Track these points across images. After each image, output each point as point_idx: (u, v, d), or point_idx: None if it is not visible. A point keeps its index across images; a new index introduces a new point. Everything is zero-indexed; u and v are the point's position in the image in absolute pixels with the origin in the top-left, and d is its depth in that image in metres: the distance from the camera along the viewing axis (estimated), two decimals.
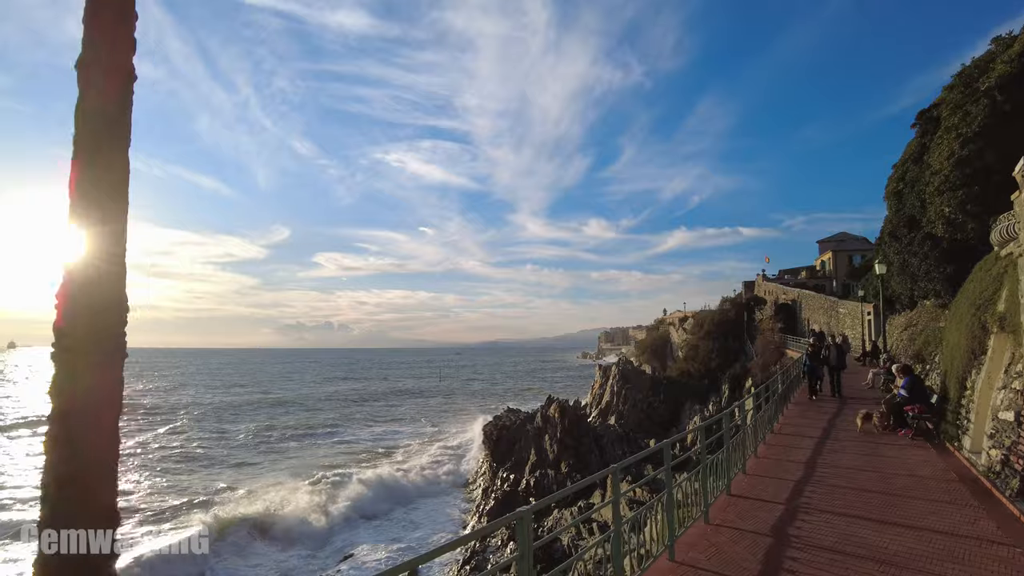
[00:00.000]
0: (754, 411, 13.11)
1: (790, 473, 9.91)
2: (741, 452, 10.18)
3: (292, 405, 74.67)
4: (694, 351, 59.39)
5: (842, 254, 58.35)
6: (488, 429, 43.50)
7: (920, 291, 23.45)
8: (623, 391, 53.39)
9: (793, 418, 15.96)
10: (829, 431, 13.77)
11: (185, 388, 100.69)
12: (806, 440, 12.72)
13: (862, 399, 18.35)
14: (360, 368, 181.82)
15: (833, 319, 43.43)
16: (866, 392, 20.61)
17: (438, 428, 55.73)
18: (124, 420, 21.14)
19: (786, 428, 14.39)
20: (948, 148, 19.13)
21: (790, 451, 11.70)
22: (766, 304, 58.48)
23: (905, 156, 23.96)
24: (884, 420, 13.51)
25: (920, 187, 21.62)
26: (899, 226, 23.11)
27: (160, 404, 73.70)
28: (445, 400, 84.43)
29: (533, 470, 37.09)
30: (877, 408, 14.17)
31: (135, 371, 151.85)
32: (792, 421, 15.42)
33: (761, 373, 40.67)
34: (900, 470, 10.00)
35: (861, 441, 12.62)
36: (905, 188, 23.36)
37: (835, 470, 10.06)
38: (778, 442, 12.69)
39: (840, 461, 10.72)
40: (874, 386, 21.57)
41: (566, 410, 39.43)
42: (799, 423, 15.10)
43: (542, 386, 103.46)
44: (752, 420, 11.81)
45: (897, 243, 23.48)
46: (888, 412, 13.55)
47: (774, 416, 14.50)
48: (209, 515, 27.66)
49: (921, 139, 22.72)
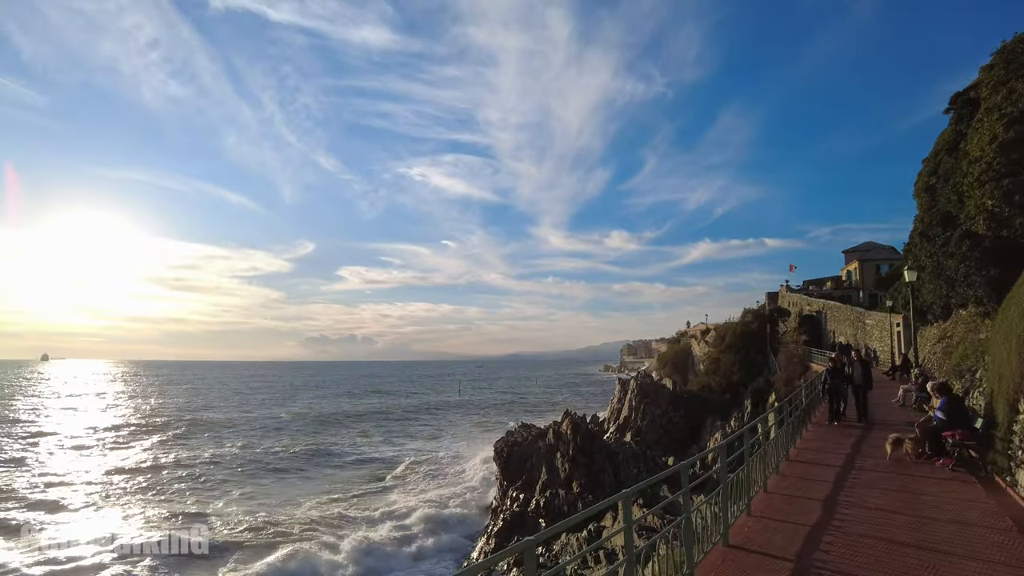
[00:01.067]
0: (776, 425, 11.80)
1: (805, 514, 8.11)
2: (746, 485, 8.50)
3: (305, 421, 73.95)
4: (715, 365, 57.24)
5: (869, 263, 55.85)
6: (499, 446, 42.15)
7: (958, 298, 20.67)
8: (642, 406, 51.54)
9: (812, 441, 14.01)
10: (853, 458, 11.83)
11: (196, 402, 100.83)
12: (826, 470, 10.85)
13: (891, 422, 16.13)
14: (381, 382, 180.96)
15: (860, 331, 41.20)
16: (896, 411, 18.50)
17: (456, 453, 53.36)
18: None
19: (803, 454, 12.49)
20: (990, 131, 16.46)
21: (806, 485, 9.83)
22: (790, 316, 56.25)
23: (937, 147, 21.39)
24: (918, 446, 11.53)
25: (957, 179, 19.00)
26: (932, 225, 20.38)
27: (174, 420, 73.46)
28: (464, 415, 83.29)
29: (544, 490, 35.48)
30: (910, 432, 12.28)
31: (155, 384, 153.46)
32: (810, 445, 13.49)
33: (785, 387, 38.84)
34: (941, 513, 8.04)
35: (891, 472, 10.66)
36: (938, 182, 20.72)
37: (860, 512, 8.18)
38: (793, 472, 10.84)
39: (867, 499, 8.82)
40: (906, 404, 19.54)
41: (579, 426, 37.71)
42: (818, 447, 13.20)
43: (561, 400, 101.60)
44: (772, 438, 10.43)
45: (930, 244, 20.80)
46: (923, 437, 11.60)
47: (790, 440, 12.72)
48: None
49: (956, 126, 20.19)
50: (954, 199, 19.40)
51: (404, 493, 39.26)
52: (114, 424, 65.75)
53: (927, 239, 21.07)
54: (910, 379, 22.00)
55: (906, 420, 15.74)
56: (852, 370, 17.55)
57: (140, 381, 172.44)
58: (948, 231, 19.54)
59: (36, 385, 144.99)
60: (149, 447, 51.97)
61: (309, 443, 55.45)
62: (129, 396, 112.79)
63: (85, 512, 32.29)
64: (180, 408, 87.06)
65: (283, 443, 55.06)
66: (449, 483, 41.81)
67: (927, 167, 21.78)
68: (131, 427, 63.79)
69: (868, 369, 17.84)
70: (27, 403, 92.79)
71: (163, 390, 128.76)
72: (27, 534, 27.24)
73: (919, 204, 22.72)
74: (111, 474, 41.03)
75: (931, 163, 21.56)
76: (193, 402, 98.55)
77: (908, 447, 11.58)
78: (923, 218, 21.87)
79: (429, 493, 38.55)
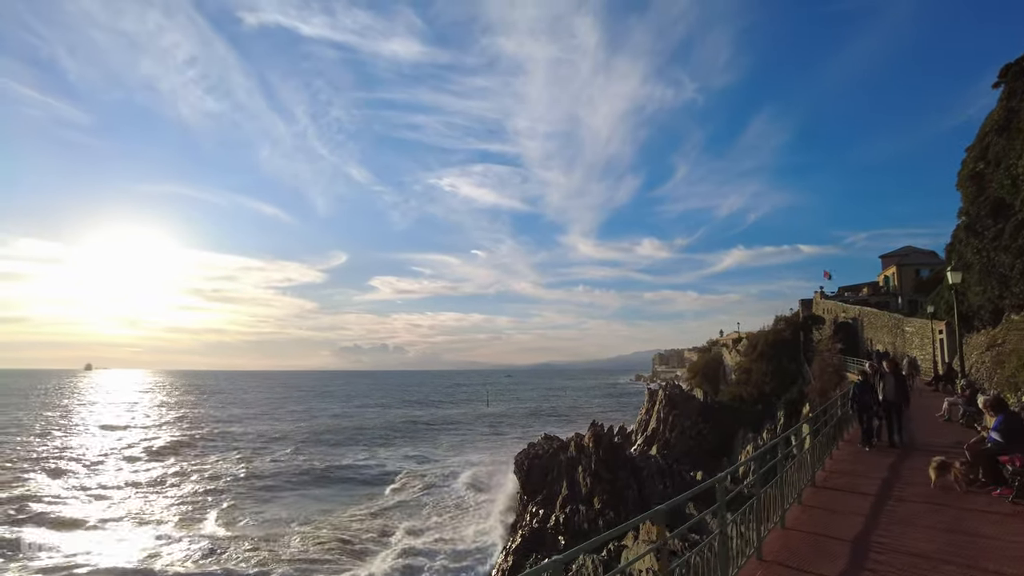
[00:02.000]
0: (811, 436, 10.76)
1: (831, 561, 6.57)
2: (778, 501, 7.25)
3: (327, 434, 73.56)
4: (747, 374, 55.21)
5: (908, 268, 53.11)
6: (520, 458, 40.96)
7: (1013, 298, 18.35)
8: (670, 417, 49.74)
9: (842, 463, 12.26)
10: (891, 485, 10.10)
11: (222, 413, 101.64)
12: (858, 499, 9.24)
13: (935, 445, 13.44)
14: (411, 393, 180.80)
15: (899, 339, 38.88)
16: (941, 428, 16.49)
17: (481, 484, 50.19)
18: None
19: (832, 478, 10.83)
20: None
21: (833, 519, 8.24)
22: (824, 323, 53.99)
23: (985, 128, 18.72)
24: (970, 472, 9.75)
25: (1010, 161, 16.89)
26: (980, 216, 18.00)
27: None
28: (490, 427, 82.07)
29: (564, 505, 34.10)
30: (958, 455, 10.55)
31: (189, 394, 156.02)
32: (840, 468, 11.77)
33: (819, 398, 36.87)
34: (1006, 563, 6.28)
35: (938, 504, 8.88)
36: (987, 167, 18.28)
37: (900, 559, 6.49)
38: (819, 501, 9.26)
39: (907, 540, 7.13)
40: (952, 419, 17.62)
41: (601, 438, 36.23)
42: (849, 470, 11.49)
43: (590, 410, 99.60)
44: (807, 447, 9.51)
45: (978, 239, 18.37)
46: (975, 462, 9.89)
47: (818, 460, 11.14)
48: None
49: (1008, 102, 17.64)
50: (1007, 184, 17.23)
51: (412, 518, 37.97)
52: (140, 438, 66.29)
53: (974, 233, 18.65)
54: (955, 391, 20.07)
55: (953, 440, 13.85)
56: (883, 383, 14.33)
57: (175, 391, 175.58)
58: (1000, 222, 17.24)
59: (76, 395, 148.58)
60: (167, 461, 51.94)
61: (326, 458, 54.76)
62: (161, 406, 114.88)
63: (91, 528, 32.01)
64: (210, 420, 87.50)
65: (302, 458, 54.48)
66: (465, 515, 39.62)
67: (973, 152, 19.30)
68: (154, 440, 64.16)
69: (903, 382, 14.63)
70: (61, 413, 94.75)
71: (194, 401, 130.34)
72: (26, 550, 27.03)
73: (964, 194, 20.19)
74: (122, 488, 40.91)
75: (977, 147, 19.09)
76: (224, 414, 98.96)
77: (957, 473, 9.70)
78: (969, 210, 19.51)
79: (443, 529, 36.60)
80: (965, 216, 20.02)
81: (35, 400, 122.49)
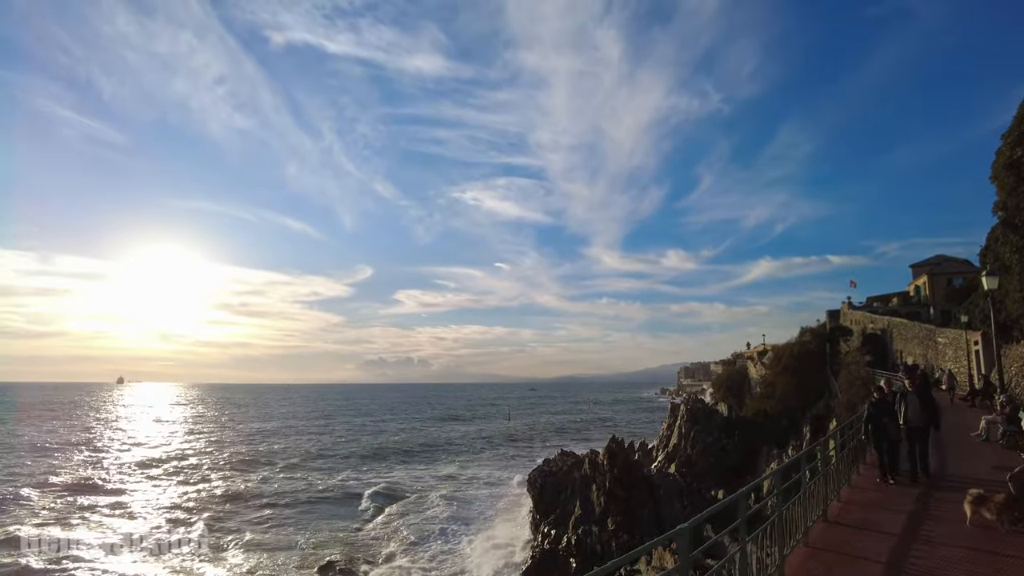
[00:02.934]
0: (838, 449, 10.00)
1: None
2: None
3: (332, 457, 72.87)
4: (771, 388, 53.04)
5: (940, 277, 50.79)
6: (533, 476, 39.86)
7: None
8: (691, 433, 48.00)
9: (860, 492, 10.65)
10: (918, 521, 8.55)
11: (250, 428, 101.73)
12: (878, 539, 7.79)
13: (969, 476, 11.31)
14: (433, 406, 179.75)
15: (930, 350, 36.84)
16: (978, 450, 14.61)
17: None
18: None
19: (848, 512, 9.28)
20: None
21: (845, 565, 6.86)
22: (852, 335, 51.94)
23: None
24: (1012, 509, 8.13)
25: None
26: (1021, 209, 16.13)
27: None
28: (510, 443, 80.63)
29: (576, 526, 32.77)
30: (1000, 487, 8.96)
31: (215, 409, 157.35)
32: (858, 498, 10.19)
33: (846, 413, 35.02)
34: None
35: (975, 548, 7.38)
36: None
37: None
38: (830, 541, 7.78)
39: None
40: (990, 438, 15.91)
41: (616, 455, 34.77)
42: (868, 502, 9.93)
43: (612, 425, 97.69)
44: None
45: (1017, 236, 16.51)
46: (1020, 494, 8.48)
47: (834, 490, 9.74)
48: None
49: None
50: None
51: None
52: (163, 455, 66.22)
53: (1013, 228, 16.57)
54: (995, 407, 18.30)
55: (992, 465, 12.17)
56: (904, 404, 11.55)
57: (202, 405, 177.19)
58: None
59: (107, 407, 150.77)
60: (179, 479, 51.50)
61: (338, 479, 53.92)
62: (187, 420, 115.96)
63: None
64: (243, 435, 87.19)
65: (315, 476, 53.69)
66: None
67: (1010, 138, 17.23)
68: (174, 457, 64.04)
69: (931, 400, 11.72)
70: (89, 424, 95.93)
71: (225, 417, 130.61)
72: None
73: (1000, 186, 18.09)
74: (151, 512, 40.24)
75: (1015, 132, 16.94)
76: (254, 428, 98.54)
77: (996, 508, 8.14)
78: (1006, 202, 17.44)
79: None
80: (1002, 211, 17.79)
81: (63, 413, 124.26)
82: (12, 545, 29.37)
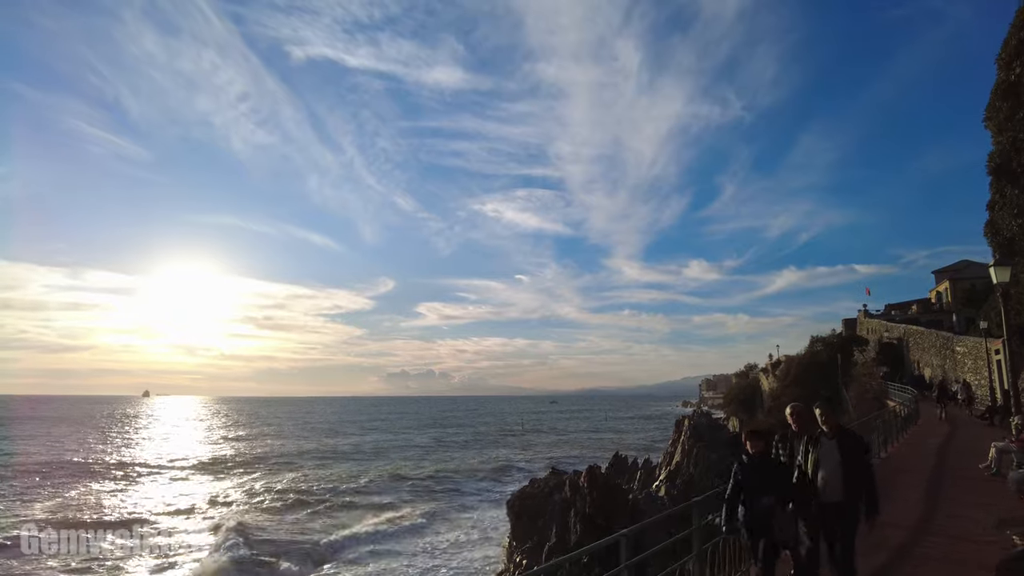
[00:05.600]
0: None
1: None
2: None
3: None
4: (778, 402, 49.42)
5: (962, 283, 47.00)
6: (512, 500, 36.69)
7: None
8: (694, 450, 44.35)
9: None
10: None
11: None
12: None
13: (960, 538, 8.01)
14: (451, 420, 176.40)
15: (948, 360, 33.21)
16: (984, 491, 11.22)
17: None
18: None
19: None
20: None
21: None
22: (867, 344, 48.11)
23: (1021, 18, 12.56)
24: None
25: None
26: (1020, 147, 11.78)
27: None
28: (522, 452, 78.46)
29: (550, 556, 29.63)
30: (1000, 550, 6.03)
31: (238, 422, 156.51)
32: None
33: (858, 430, 31.38)
34: None
35: None
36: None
37: None
38: None
39: None
40: (1000, 472, 12.52)
41: (596, 478, 31.56)
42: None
43: (620, 440, 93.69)
44: None
45: (1018, 188, 12.58)
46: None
47: None
48: None
49: None
50: None
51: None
52: (183, 462, 64.41)
53: (1011, 178, 12.68)
54: (1011, 431, 14.93)
55: (999, 518, 8.91)
56: (812, 458, 6.02)
57: (227, 418, 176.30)
58: None
59: (132, 421, 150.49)
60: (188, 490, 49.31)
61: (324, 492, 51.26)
62: (209, 431, 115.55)
63: None
64: (275, 449, 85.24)
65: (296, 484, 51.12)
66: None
67: (1004, 55, 12.67)
68: (193, 465, 62.13)
69: (859, 454, 5.93)
70: (113, 437, 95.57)
71: (240, 428, 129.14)
72: None
73: (995, 127, 13.44)
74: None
75: (1011, 43, 12.61)
76: (285, 443, 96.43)
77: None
78: (1001, 143, 12.90)
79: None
80: (996, 158, 12.93)
81: (92, 424, 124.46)
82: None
